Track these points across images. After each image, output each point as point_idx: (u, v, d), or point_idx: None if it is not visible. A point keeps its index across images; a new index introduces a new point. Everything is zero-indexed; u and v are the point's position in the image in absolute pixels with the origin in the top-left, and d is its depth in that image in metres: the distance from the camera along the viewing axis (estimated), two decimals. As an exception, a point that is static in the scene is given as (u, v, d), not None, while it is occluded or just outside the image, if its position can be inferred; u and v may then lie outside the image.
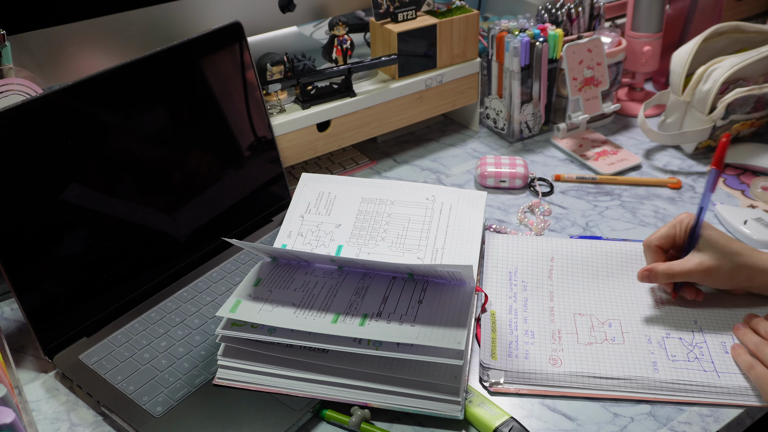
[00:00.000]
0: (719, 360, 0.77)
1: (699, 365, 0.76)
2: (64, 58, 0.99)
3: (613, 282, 0.87)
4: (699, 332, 0.80)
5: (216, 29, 0.90)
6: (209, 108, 0.91)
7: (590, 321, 0.82)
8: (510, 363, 0.77)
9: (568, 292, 0.86)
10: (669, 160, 1.14)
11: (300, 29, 1.23)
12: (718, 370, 0.76)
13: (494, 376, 0.76)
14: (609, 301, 0.85)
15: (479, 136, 1.21)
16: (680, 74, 1.11)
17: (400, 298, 0.75)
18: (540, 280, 0.87)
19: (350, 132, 1.08)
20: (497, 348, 0.78)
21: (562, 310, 0.83)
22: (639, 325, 0.81)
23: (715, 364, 0.77)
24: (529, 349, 0.78)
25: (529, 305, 0.84)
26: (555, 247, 0.91)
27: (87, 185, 0.79)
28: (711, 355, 0.78)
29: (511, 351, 0.78)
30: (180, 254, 0.89)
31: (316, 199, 0.94)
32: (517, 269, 0.89)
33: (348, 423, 0.71)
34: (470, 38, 1.13)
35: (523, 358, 0.77)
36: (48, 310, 0.78)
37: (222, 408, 0.72)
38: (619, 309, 0.84)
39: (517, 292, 0.86)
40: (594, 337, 0.80)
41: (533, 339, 0.80)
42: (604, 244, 0.92)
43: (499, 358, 0.77)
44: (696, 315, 0.82)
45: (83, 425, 0.74)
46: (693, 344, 0.79)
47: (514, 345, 0.79)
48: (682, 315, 0.83)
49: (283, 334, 0.72)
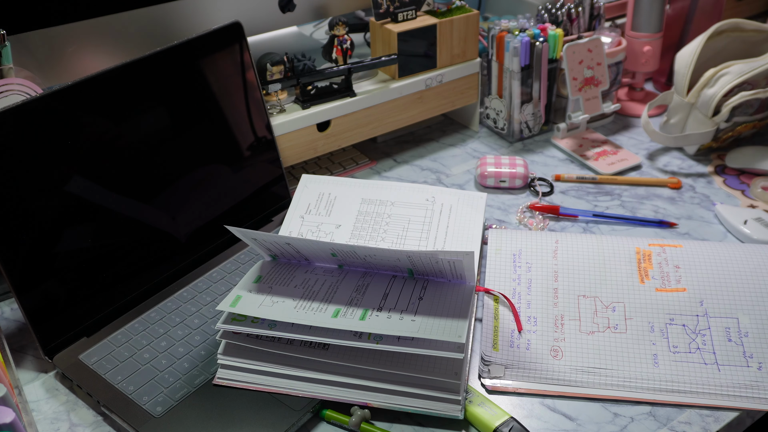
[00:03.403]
0: (721, 350, 0.77)
1: (700, 356, 0.76)
2: (64, 58, 0.99)
3: (618, 261, 0.86)
4: (704, 316, 0.79)
5: (216, 29, 0.90)
6: (209, 108, 0.91)
7: (594, 304, 0.81)
8: (511, 354, 0.77)
9: (572, 271, 0.85)
10: (669, 160, 1.14)
11: (300, 29, 1.23)
12: (719, 362, 0.76)
13: (495, 371, 0.76)
14: (614, 282, 0.84)
15: (479, 136, 1.21)
16: (685, 75, 1.10)
17: (401, 295, 0.75)
18: (545, 260, 0.87)
19: (350, 132, 1.08)
20: (499, 338, 0.78)
21: (566, 292, 0.83)
22: (643, 309, 0.80)
23: (716, 355, 0.76)
24: (531, 338, 0.78)
25: (533, 287, 0.84)
26: (560, 234, 0.91)
27: (87, 185, 0.79)
28: (713, 344, 0.77)
29: (513, 341, 0.78)
30: (180, 254, 0.89)
31: (316, 200, 0.94)
32: (521, 251, 0.88)
33: (348, 423, 0.71)
34: (470, 38, 1.13)
35: (524, 349, 0.77)
36: (48, 310, 0.78)
37: (222, 408, 0.72)
38: (624, 290, 0.82)
39: (521, 274, 0.85)
40: (597, 325, 0.79)
41: (536, 327, 0.79)
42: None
43: (500, 349, 0.77)
44: (703, 296, 0.81)
45: (83, 425, 0.74)
46: (696, 331, 0.78)
47: (516, 334, 0.79)
48: (689, 296, 0.81)
49: (283, 328, 0.72)
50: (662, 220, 0.99)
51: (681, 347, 0.77)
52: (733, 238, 0.97)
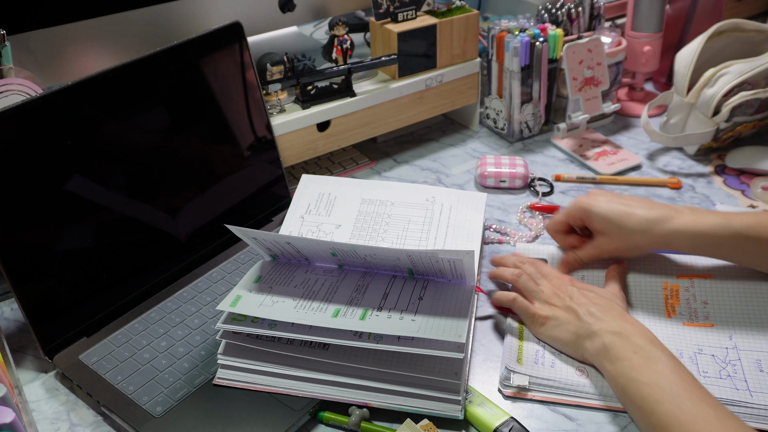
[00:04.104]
0: (753, 378, 0.74)
1: (731, 383, 0.73)
2: (64, 58, 0.99)
3: (645, 299, 0.84)
4: (733, 349, 0.77)
5: (216, 29, 0.90)
6: (209, 108, 0.91)
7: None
8: (536, 370, 0.76)
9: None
10: (669, 161, 1.14)
11: (300, 29, 1.23)
12: (751, 389, 0.73)
13: (518, 379, 0.75)
14: (641, 315, 0.82)
15: (479, 136, 1.21)
16: (685, 75, 1.10)
17: (401, 295, 0.75)
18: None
19: (350, 132, 1.08)
20: (523, 355, 0.78)
21: None
22: (671, 340, 0.79)
23: (748, 383, 0.73)
24: (555, 359, 0.77)
25: None
26: (587, 272, 0.89)
27: (87, 185, 0.79)
28: (744, 373, 0.75)
29: (537, 359, 0.77)
30: (180, 254, 0.89)
31: (316, 200, 0.94)
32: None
33: (347, 423, 0.71)
34: (470, 38, 1.13)
35: (549, 366, 0.76)
36: (48, 310, 0.78)
37: (222, 408, 0.72)
38: (650, 325, 0.79)
39: None
40: None
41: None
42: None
43: (525, 364, 0.76)
44: (732, 331, 0.79)
45: (83, 425, 0.74)
46: (726, 361, 0.76)
47: (540, 353, 0.78)
48: (718, 331, 0.80)
49: (283, 328, 0.72)
50: None
51: (711, 373, 0.75)
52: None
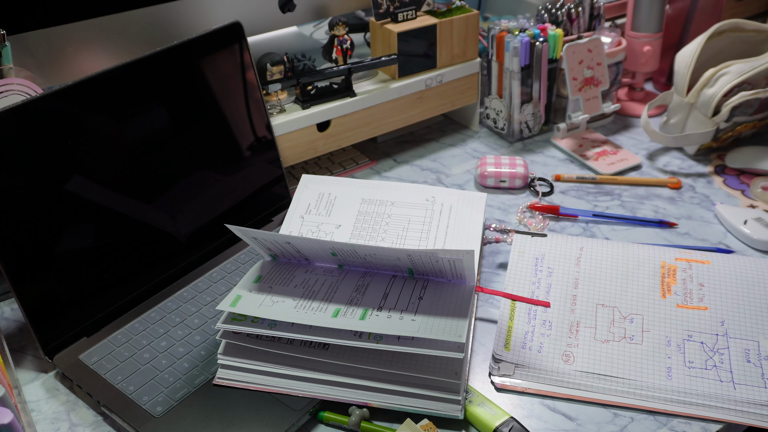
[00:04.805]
0: (739, 369, 0.75)
1: (716, 374, 0.74)
2: (64, 58, 0.99)
3: (642, 275, 0.85)
4: (724, 336, 0.78)
5: (216, 29, 0.90)
6: (209, 108, 0.91)
7: (612, 314, 0.80)
8: (522, 355, 0.77)
9: (594, 280, 0.84)
10: (669, 160, 1.14)
11: (300, 29, 1.23)
12: (735, 381, 0.73)
13: (505, 368, 0.76)
14: (635, 294, 0.83)
15: (479, 136, 1.21)
16: (685, 75, 1.10)
17: (401, 295, 0.75)
18: (567, 266, 0.86)
19: (350, 132, 1.08)
20: (512, 337, 0.78)
21: (584, 299, 0.82)
22: (662, 324, 0.79)
23: (733, 374, 0.74)
24: (543, 341, 0.78)
25: (551, 291, 0.83)
26: (586, 240, 0.90)
27: (87, 185, 0.79)
28: (731, 363, 0.75)
29: (525, 342, 0.78)
30: (180, 254, 0.89)
31: (316, 200, 0.94)
32: (544, 255, 0.88)
33: (347, 423, 0.71)
34: (470, 38, 1.13)
35: (536, 351, 0.77)
36: (48, 310, 0.78)
37: (222, 408, 0.72)
38: (643, 304, 0.81)
39: (541, 278, 0.85)
40: (612, 334, 0.78)
41: (550, 330, 0.79)
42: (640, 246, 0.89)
43: (512, 349, 0.77)
44: (725, 316, 0.80)
45: (83, 425, 0.74)
46: (714, 350, 0.76)
47: (529, 336, 0.79)
48: (710, 315, 0.80)
49: (283, 328, 0.72)
50: (662, 220, 0.99)
51: (697, 363, 0.76)
52: (733, 239, 0.97)
